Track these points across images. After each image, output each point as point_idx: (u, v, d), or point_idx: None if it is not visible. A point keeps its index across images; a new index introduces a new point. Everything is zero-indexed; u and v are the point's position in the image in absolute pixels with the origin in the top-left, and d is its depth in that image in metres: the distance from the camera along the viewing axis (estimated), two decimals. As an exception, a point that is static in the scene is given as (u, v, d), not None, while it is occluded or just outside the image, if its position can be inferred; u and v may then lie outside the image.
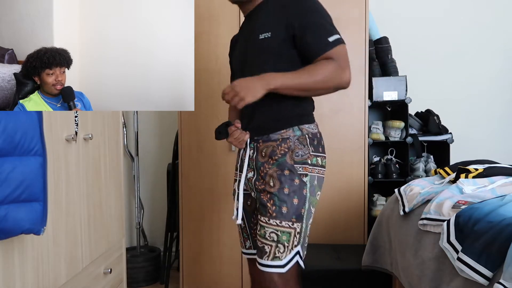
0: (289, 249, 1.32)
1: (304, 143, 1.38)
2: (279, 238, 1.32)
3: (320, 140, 1.43)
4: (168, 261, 2.68)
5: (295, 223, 1.33)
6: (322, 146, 1.43)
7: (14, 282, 1.13)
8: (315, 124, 1.45)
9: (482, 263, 1.11)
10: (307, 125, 1.41)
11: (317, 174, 1.39)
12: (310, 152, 1.38)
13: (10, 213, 1.01)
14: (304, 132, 1.39)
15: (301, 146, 1.37)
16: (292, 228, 1.33)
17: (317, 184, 1.39)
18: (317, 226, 2.43)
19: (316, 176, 1.39)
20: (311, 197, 1.37)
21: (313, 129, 1.42)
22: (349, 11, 2.37)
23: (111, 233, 1.84)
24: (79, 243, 1.53)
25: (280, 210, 1.32)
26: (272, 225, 1.33)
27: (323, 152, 1.43)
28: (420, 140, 2.55)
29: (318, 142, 1.42)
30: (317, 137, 1.42)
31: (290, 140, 1.38)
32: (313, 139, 1.40)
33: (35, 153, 1.06)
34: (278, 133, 1.39)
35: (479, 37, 2.92)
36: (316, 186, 1.39)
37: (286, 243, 1.32)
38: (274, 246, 1.32)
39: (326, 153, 1.45)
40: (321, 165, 1.41)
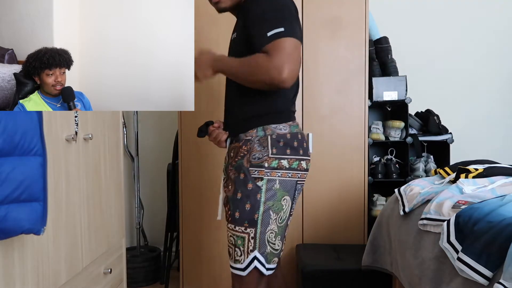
0: (245, 253, 1.32)
1: (264, 144, 1.33)
2: (236, 242, 1.33)
3: (290, 141, 1.34)
4: (168, 261, 2.68)
5: (248, 228, 1.31)
6: (292, 147, 1.34)
7: (14, 282, 1.13)
8: (288, 124, 1.37)
9: (482, 263, 1.11)
10: (274, 125, 1.35)
11: (280, 177, 1.32)
12: (269, 155, 1.31)
13: (10, 213, 1.01)
14: (267, 132, 1.34)
15: (260, 148, 1.32)
16: (245, 233, 1.31)
17: (280, 188, 1.32)
18: (317, 226, 2.44)
19: (277, 179, 1.31)
20: (268, 202, 1.31)
21: (282, 130, 1.35)
22: (349, 11, 2.37)
23: (111, 233, 1.84)
24: (79, 243, 1.53)
25: (234, 214, 1.33)
26: (229, 229, 1.35)
27: (293, 154, 1.34)
28: (420, 140, 2.55)
29: (285, 143, 1.33)
30: (286, 138, 1.34)
31: (251, 141, 1.34)
32: (278, 140, 1.33)
33: (35, 153, 1.06)
34: (244, 134, 1.37)
35: (479, 37, 2.92)
36: (279, 190, 1.32)
37: (242, 247, 1.32)
38: (233, 250, 1.35)
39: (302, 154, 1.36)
40: (288, 168, 1.32)
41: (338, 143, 2.41)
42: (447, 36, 2.92)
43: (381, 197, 2.56)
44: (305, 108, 2.41)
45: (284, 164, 1.32)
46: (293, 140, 1.35)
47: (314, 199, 2.42)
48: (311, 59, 2.40)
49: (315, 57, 2.40)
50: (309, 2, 2.36)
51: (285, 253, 2.44)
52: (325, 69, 2.41)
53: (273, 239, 1.33)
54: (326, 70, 2.40)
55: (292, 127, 1.37)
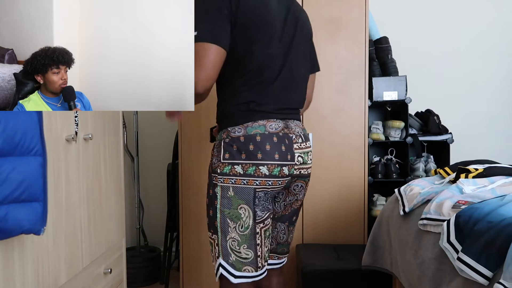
0: (214, 259, 1.32)
1: (219, 149, 1.27)
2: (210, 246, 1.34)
3: (244, 144, 1.23)
4: (168, 261, 2.68)
5: (213, 235, 1.30)
6: (247, 151, 1.23)
7: (14, 282, 1.13)
8: (243, 126, 1.25)
9: (482, 263, 1.11)
10: (230, 128, 1.26)
11: (234, 184, 1.23)
12: (221, 160, 1.25)
13: (10, 213, 1.01)
14: (224, 136, 1.27)
15: (216, 153, 1.29)
16: (212, 239, 1.31)
17: (235, 195, 1.24)
18: (317, 226, 2.44)
19: (231, 187, 1.23)
20: (225, 210, 1.25)
21: (235, 132, 1.25)
22: (349, 11, 2.37)
23: (111, 233, 1.84)
24: (79, 243, 1.53)
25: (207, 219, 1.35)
26: None
27: (248, 159, 1.22)
28: (420, 140, 2.55)
29: (238, 148, 1.23)
30: (239, 142, 1.24)
31: (215, 145, 1.32)
32: (231, 145, 1.24)
33: (35, 153, 1.06)
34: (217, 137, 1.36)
35: (480, 37, 2.92)
36: (234, 197, 1.24)
37: (212, 252, 1.33)
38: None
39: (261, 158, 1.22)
40: (242, 174, 1.22)
41: (338, 143, 2.41)
42: (447, 36, 2.92)
43: (381, 197, 2.56)
44: (305, 108, 2.41)
45: (238, 170, 1.23)
46: (248, 143, 1.23)
47: (314, 199, 2.42)
48: (311, 59, 2.40)
49: (315, 57, 2.40)
50: (309, 2, 2.36)
51: (285, 253, 2.44)
52: (325, 69, 2.40)
53: (236, 247, 1.27)
54: (326, 70, 2.40)
55: (249, 128, 1.24)
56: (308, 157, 1.36)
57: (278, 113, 1.30)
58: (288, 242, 1.50)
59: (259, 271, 1.31)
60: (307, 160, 1.35)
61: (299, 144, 1.32)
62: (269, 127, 1.26)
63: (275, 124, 1.28)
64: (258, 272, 1.31)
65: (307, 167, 1.37)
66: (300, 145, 1.33)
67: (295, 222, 1.50)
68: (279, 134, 1.27)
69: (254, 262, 1.29)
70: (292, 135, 1.31)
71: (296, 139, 1.32)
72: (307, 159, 1.35)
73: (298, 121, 1.39)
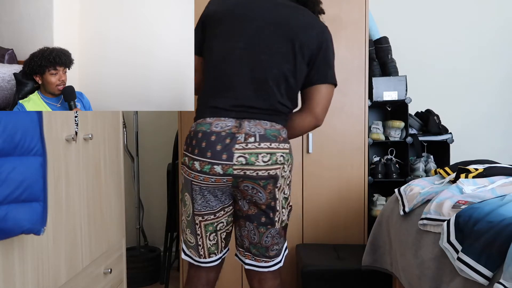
0: None
1: None
2: None
3: (191, 139, 1.35)
4: (168, 261, 2.68)
5: None
6: (189, 145, 1.35)
7: (14, 282, 1.13)
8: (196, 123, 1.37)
9: (482, 263, 1.11)
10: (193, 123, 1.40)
11: (183, 173, 1.39)
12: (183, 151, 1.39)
13: (10, 213, 1.01)
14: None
15: None
16: None
17: (183, 182, 1.41)
18: (317, 226, 2.44)
19: (182, 174, 1.40)
20: (180, 194, 1.46)
21: (191, 128, 1.38)
22: (349, 11, 2.37)
23: (111, 233, 1.84)
24: (79, 243, 1.53)
25: None
26: None
27: (190, 153, 1.34)
28: (420, 140, 2.55)
29: (187, 142, 1.37)
30: (189, 137, 1.37)
31: None
32: (187, 138, 1.38)
33: (35, 153, 1.06)
34: None
35: (480, 37, 2.92)
36: (183, 185, 1.41)
37: None
38: None
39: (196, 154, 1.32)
40: (186, 165, 1.36)
41: (338, 143, 2.41)
42: (447, 36, 2.92)
43: (381, 197, 2.56)
44: (305, 108, 2.41)
45: (185, 161, 1.36)
46: (193, 138, 1.34)
47: (314, 198, 2.42)
48: (311, 59, 2.40)
49: (315, 57, 2.40)
50: (309, 2, 2.36)
51: (285, 253, 2.44)
52: (325, 69, 2.40)
53: (185, 229, 1.44)
54: (326, 70, 2.40)
55: (198, 125, 1.35)
56: (257, 159, 1.29)
57: (231, 111, 1.34)
58: (263, 245, 1.40)
59: (202, 259, 1.43)
60: (254, 162, 1.29)
61: (245, 145, 1.29)
62: (215, 126, 1.31)
63: (224, 123, 1.32)
64: (201, 259, 1.43)
65: (255, 169, 1.29)
66: (246, 145, 1.29)
67: (266, 225, 1.38)
68: (221, 134, 1.30)
69: (196, 249, 1.43)
70: (240, 135, 1.29)
71: (243, 139, 1.29)
72: (254, 160, 1.29)
73: (260, 121, 1.33)
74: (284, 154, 1.34)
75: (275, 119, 1.36)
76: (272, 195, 1.35)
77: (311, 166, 2.42)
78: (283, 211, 1.41)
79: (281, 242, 1.44)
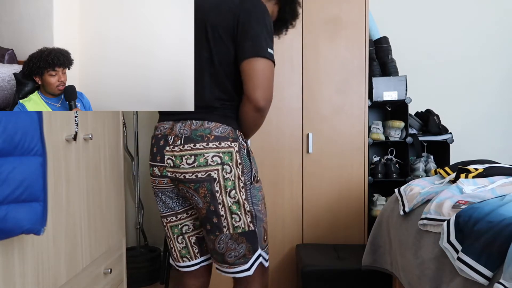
0: None
1: None
2: None
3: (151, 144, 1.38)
4: (168, 261, 2.68)
5: None
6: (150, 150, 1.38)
7: (14, 282, 1.13)
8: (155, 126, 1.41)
9: (482, 263, 1.11)
10: None
11: None
12: None
13: (10, 213, 1.01)
14: None
15: None
16: None
17: None
18: (317, 226, 2.44)
19: None
20: None
21: None
22: (349, 11, 2.37)
23: (111, 233, 1.84)
24: (79, 243, 1.53)
25: None
26: None
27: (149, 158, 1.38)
28: (420, 140, 2.55)
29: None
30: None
31: None
32: None
33: (35, 153, 1.06)
34: None
35: (480, 37, 2.92)
36: None
37: None
38: None
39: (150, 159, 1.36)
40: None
41: (338, 143, 2.41)
42: (447, 36, 2.92)
43: (381, 197, 2.56)
44: (305, 108, 2.41)
45: None
46: (151, 143, 1.38)
47: (314, 198, 2.42)
48: (311, 59, 2.40)
49: (315, 57, 2.40)
50: (309, 2, 2.36)
51: (285, 253, 2.44)
52: (325, 69, 2.41)
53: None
54: (326, 70, 2.40)
55: (156, 129, 1.38)
56: (182, 161, 1.24)
57: (172, 114, 1.34)
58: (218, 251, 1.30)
59: (176, 263, 1.46)
60: (179, 164, 1.24)
61: (173, 147, 1.26)
62: (158, 130, 1.36)
63: (163, 127, 1.35)
64: (176, 263, 1.46)
65: (181, 172, 1.25)
66: (173, 147, 1.26)
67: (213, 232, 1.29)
68: (158, 136, 1.34)
69: (171, 252, 1.46)
70: (170, 137, 1.28)
71: (172, 141, 1.27)
72: (179, 163, 1.25)
73: (191, 121, 1.28)
74: (221, 153, 1.24)
75: (208, 117, 1.28)
76: (209, 199, 1.25)
77: (311, 166, 2.42)
78: (234, 216, 1.27)
79: (240, 249, 1.30)
